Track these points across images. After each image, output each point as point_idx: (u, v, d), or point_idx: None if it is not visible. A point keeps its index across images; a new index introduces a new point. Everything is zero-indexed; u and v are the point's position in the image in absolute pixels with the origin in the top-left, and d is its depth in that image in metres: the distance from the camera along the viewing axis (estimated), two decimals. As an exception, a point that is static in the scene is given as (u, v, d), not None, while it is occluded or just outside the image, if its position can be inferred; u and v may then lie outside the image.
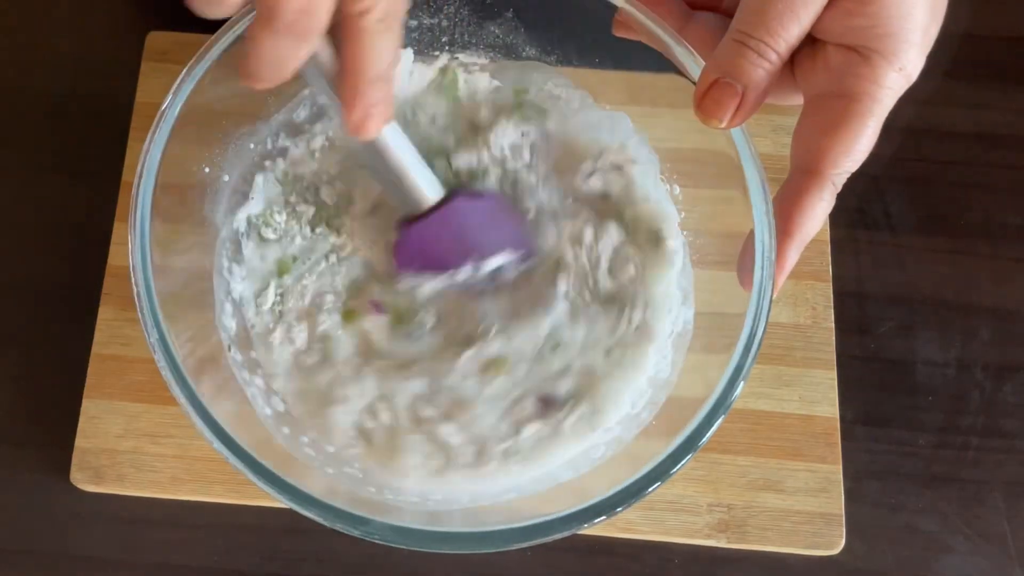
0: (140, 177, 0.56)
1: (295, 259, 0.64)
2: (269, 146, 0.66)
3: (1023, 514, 0.66)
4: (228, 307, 0.62)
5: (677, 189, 0.65)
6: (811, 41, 0.53)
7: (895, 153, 0.74)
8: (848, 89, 0.51)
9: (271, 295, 0.63)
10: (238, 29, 0.58)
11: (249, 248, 0.64)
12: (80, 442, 0.64)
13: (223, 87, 0.60)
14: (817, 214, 0.53)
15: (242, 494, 0.64)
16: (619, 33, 0.61)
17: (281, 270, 0.64)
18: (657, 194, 0.65)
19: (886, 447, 0.67)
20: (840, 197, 0.53)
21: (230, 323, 0.62)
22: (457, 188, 0.62)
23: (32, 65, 0.75)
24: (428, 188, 0.59)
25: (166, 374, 0.53)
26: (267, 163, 0.66)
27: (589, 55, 0.66)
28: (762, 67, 0.52)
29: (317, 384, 0.61)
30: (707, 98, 0.53)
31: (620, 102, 0.66)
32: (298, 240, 0.65)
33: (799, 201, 0.53)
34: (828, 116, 0.52)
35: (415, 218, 0.60)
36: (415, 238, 0.60)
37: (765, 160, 0.56)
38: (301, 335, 0.62)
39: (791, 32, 0.51)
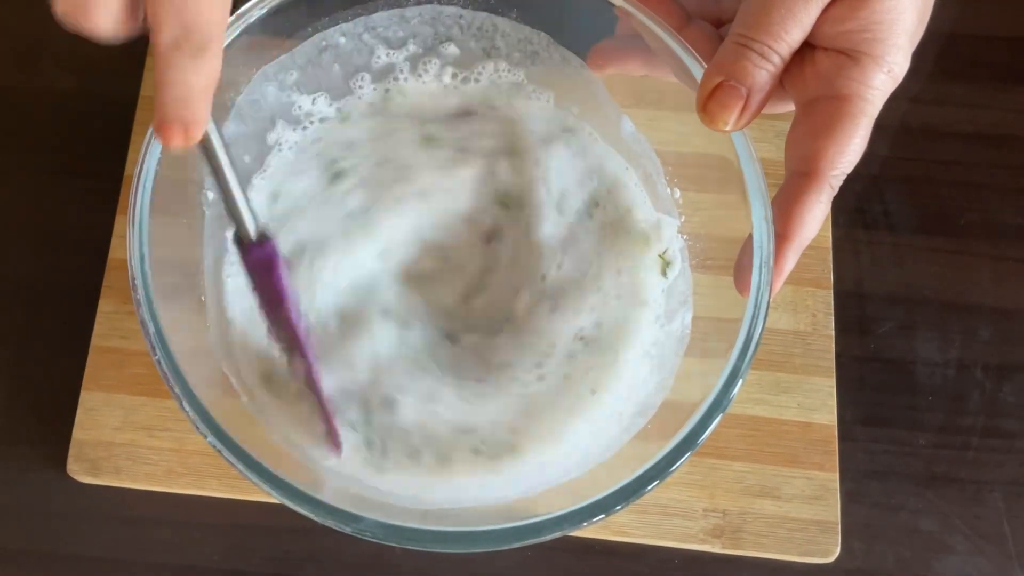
0: (140, 171, 0.56)
1: None
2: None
3: (1023, 514, 0.66)
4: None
5: (678, 193, 0.65)
6: (800, 47, 0.53)
7: (894, 153, 0.74)
8: (839, 91, 0.52)
9: None
10: (240, 25, 0.59)
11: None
12: (78, 434, 0.64)
13: (224, 81, 0.60)
14: (815, 216, 0.53)
15: (237, 489, 0.64)
16: (597, 69, 0.63)
17: None
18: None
19: (886, 447, 0.67)
20: (840, 197, 0.53)
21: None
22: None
23: (36, 60, 0.75)
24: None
25: (161, 368, 0.53)
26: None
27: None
28: (765, 69, 0.52)
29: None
30: (712, 101, 0.54)
31: (623, 105, 0.66)
32: None
33: (797, 203, 0.53)
34: (821, 119, 0.52)
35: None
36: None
37: (768, 165, 0.57)
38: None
39: (793, 35, 0.52)
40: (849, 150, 0.52)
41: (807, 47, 0.53)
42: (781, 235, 0.54)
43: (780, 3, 0.52)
